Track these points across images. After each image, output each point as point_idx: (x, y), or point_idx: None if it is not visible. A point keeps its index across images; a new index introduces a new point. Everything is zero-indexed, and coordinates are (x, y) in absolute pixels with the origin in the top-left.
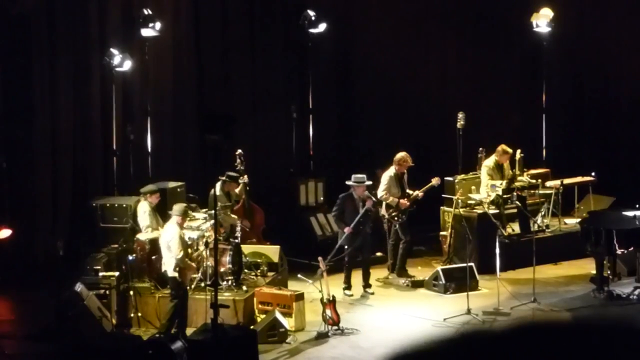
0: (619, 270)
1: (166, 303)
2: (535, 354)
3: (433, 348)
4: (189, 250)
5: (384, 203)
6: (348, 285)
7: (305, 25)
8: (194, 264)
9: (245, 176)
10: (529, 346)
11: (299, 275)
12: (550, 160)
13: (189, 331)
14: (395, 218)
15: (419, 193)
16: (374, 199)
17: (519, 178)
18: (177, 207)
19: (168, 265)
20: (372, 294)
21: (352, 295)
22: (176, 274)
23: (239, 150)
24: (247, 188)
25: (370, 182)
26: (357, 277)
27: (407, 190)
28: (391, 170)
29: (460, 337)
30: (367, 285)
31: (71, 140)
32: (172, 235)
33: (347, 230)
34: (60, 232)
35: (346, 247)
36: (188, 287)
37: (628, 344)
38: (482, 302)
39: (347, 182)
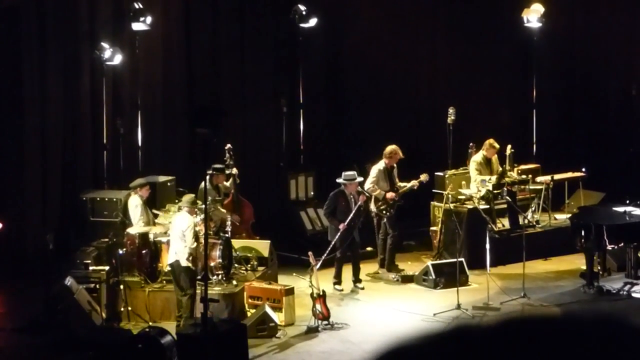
0: (609, 266)
1: (157, 298)
2: (523, 348)
3: (424, 343)
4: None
5: (372, 197)
6: (338, 280)
7: (295, 20)
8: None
9: (235, 169)
10: (518, 341)
11: (294, 274)
12: (541, 156)
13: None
14: (384, 212)
15: (415, 183)
16: (367, 194)
17: (509, 173)
18: (187, 198)
19: (181, 255)
20: (362, 288)
21: (342, 290)
22: (190, 264)
23: (229, 145)
24: (237, 182)
25: (361, 179)
26: (347, 272)
27: (399, 183)
28: (380, 164)
29: (449, 332)
30: (357, 280)
31: (61, 134)
32: (187, 224)
33: (342, 227)
34: (51, 225)
35: (339, 244)
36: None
37: (617, 339)
38: (472, 297)
39: (338, 180)
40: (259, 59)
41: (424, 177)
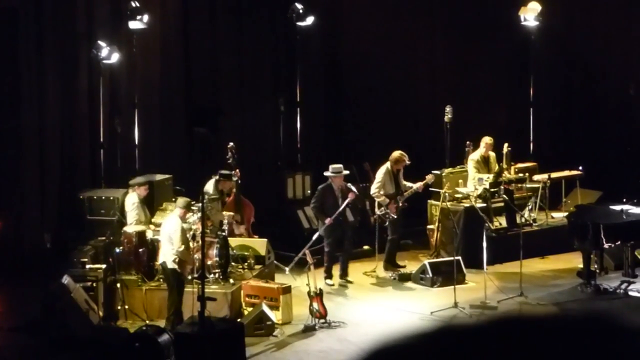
0: (606, 265)
1: (154, 296)
2: (519, 347)
3: (417, 341)
4: (191, 244)
5: (376, 201)
6: (329, 275)
7: (293, 19)
8: (195, 257)
9: (237, 171)
10: (513, 339)
11: (274, 262)
12: (538, 154)
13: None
14: (386, 216)
15: (417, 187)
16: (355, 190)
17: (505, 172)
18: (181, 200)
19: (167, 257)
20: (351, 282)
21: (333, 285)
22: (176, 266)
23: (231, 144)
24: (239, 181)
25: (347, 172)
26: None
27: (406, 183)
28: (386, 166)
29: (443, 330)
30: (344, 274)
31: (59, 133)
32: (174, 228)
33: (327, 221)
34: (48, 224)
35: (325, 237)
36: (189, 278)
37: (613, 338)
38: (469, 295)
39: (325, 173)
40: (256, 57)
41: (429, 178)
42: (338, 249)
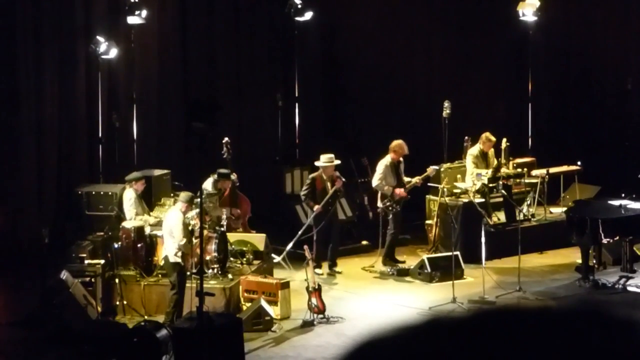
0: (605, 260)
1: (153, 292)
2: (516, 341)
3: (405, 333)
4: (192, 237)
5: (379, 192)
6: (317, 264)
7: (291, 13)
8: (197, 250)
9: (235, 174)
10: (509, 333)
11: (272, 255)
12: (536, 149)
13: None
14: (390, 208)
15: (418, 180)
16: (343, 179)
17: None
18: (184, 195)
19: (169, 251)
20: (340, 272)
21: (322, 274)
22: (179, 259)
23: (226, 139)
24: (237, 183)
25: (338, 162)
26: (346, 263)
27: (405, 178)
28: (387, 159)
29: (423, 324)
30: (333, 264)
31: (56, 128)
32: (175, 222)
33: (316, 208)
34: (46, 219)
35: (314, 226)
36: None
37: (611, 332)
38: (468, 290)
39: (317, 163)
40: (254, 52)
41: (430, 170)
42: (326, 238)
